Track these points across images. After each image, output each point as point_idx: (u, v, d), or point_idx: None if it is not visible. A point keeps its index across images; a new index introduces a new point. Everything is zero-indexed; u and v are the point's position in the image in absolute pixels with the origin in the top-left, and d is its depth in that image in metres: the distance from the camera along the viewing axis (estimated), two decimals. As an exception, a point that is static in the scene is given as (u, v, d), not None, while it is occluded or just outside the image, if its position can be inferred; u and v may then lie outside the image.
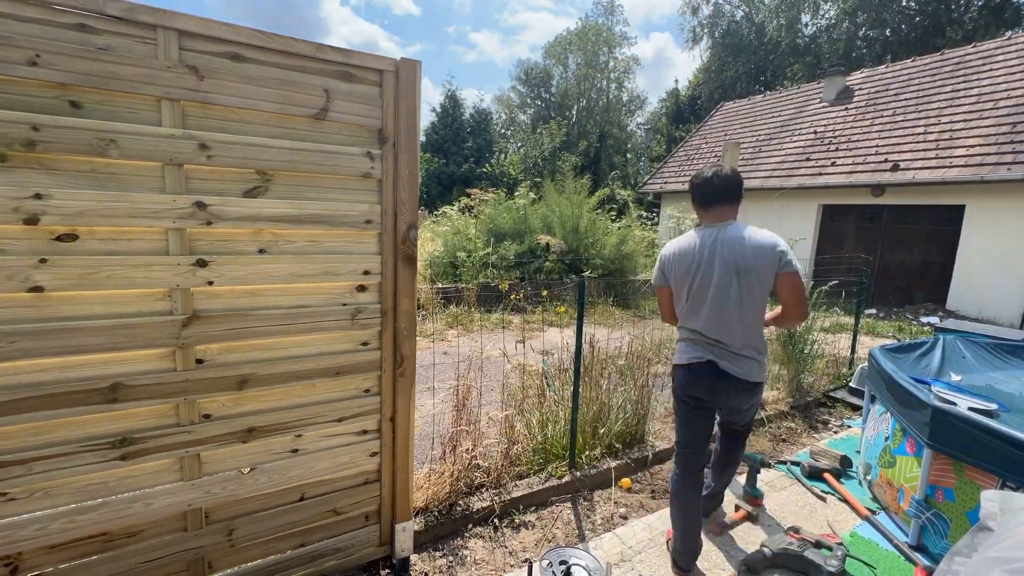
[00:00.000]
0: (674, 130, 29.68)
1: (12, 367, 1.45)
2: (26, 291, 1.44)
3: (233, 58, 1.62)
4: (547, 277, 9.20)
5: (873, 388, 3.29)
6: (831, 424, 4.21)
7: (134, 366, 1.61)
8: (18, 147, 1.39)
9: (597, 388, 3.28)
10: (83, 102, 1.45)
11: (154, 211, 1.57)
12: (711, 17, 30.38)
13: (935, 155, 9.81)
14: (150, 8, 1.49)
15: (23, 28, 1.36)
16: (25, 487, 1.51)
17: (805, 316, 2.18)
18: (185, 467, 1.74)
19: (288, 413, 1.89)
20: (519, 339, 6.21)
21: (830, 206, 11.86)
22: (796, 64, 26.69)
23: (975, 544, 1.46)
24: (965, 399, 2.73)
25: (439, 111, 27.86)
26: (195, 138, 1.59)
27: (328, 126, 1.82)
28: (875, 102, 12.52)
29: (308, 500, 2.00)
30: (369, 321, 2.01)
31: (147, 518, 1.70)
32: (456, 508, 2.57)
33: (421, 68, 1.93)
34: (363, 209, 1.93)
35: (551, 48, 37.02)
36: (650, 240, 13.16)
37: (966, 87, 10.79)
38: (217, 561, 1.85)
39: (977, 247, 9.23)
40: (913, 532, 2.51)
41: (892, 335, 7.58)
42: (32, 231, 1.44)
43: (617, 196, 18.28)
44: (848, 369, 5.16)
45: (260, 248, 1.76)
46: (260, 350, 1.81)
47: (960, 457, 2.30)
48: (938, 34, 22.09)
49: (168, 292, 1.63)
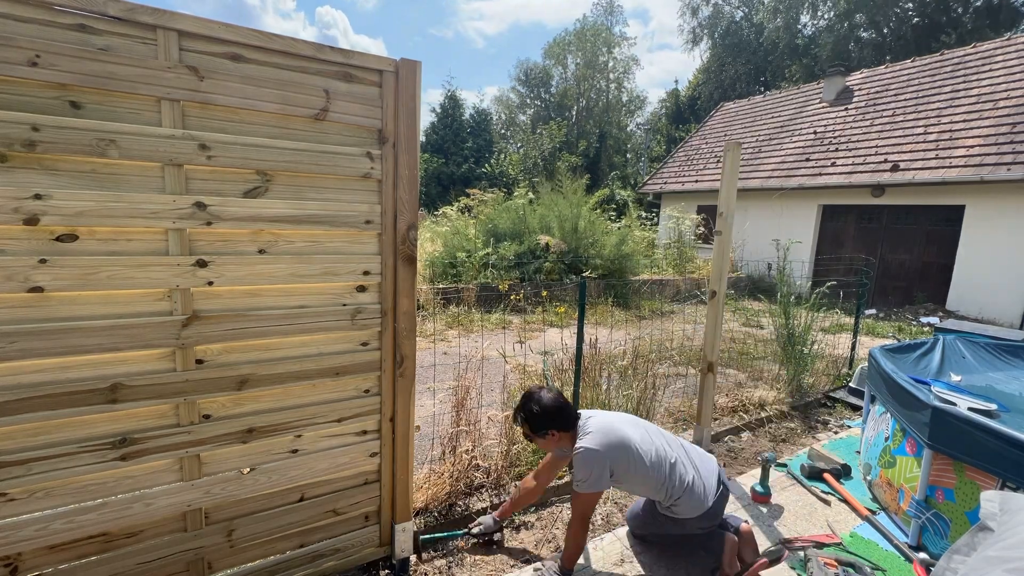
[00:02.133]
0: (674, 130, 29.71)
1: (12, 367, 1.45)
2: (26, 291, 1.44)
3: (233, 58, 1.62)
4: (547, 277, 9.20)
5: (873, 388, 3.29)
6: (831, 424, 4.21)
7: (134, 366, 1.61)
8: (18, 147, 1.39)
9: (597, 389, 3.28)
10: (83, 102, 1.45)
11: (154, 211, 1.57)
12: (711, 18, 30.42)
13: (935, 155, 9.82)
14: (150, 8, 1.49)
15: (23, 28, 1.36)
16: (25, 487, 1.51)
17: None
18: (185, 467, 1.74)
19: (288, 413, 1.89)
20: (519, 339, 6.22)
21: (830, 206, 11.87)
22: (795, 65, 26.72)
23: (975, 543, 1.46)
24: (965, 399, 2.73)
25: (439, 111, 27.88)
26: (195, 138, 1.59)
27: (328, 126, 1.82)
28: (875, 102, 12.53)
29: (308, 500, 2.00)
30: (369, 321, 2.01)
31: (147, 518, 1.70)
32: (456, 508, 2.57)
33: (421, 68, 1.93)
34: (363, 209, 1.93)
35: (550, 48, 37.08)
36: (650, 240, 13.18)
37: (966, 87, 10.80)
38: (217, 562, 1.85)
39: (977, 247, 9.23)
40: (913, 532, 2.51)
41: (892, 335, 7.59)
42: (32, 231, 1.44)
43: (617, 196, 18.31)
44: (848, 369, 5.16)
45: (260, 248, 1.76)
46: (260, 350, 1.81)
47: (960, 457, 2.30)
48: (935, 35, 22.12)
49: (168, 292, 1.63)
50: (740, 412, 4.15)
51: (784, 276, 4.88)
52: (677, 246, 12.65)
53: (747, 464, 3.43)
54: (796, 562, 2.40)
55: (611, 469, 2.11)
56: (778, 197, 12.27)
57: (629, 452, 2.13)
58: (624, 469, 2.13)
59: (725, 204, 3.21)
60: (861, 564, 2.33)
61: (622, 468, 2.13)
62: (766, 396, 4.37)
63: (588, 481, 2.07)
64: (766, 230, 11.99)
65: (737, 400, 4.29)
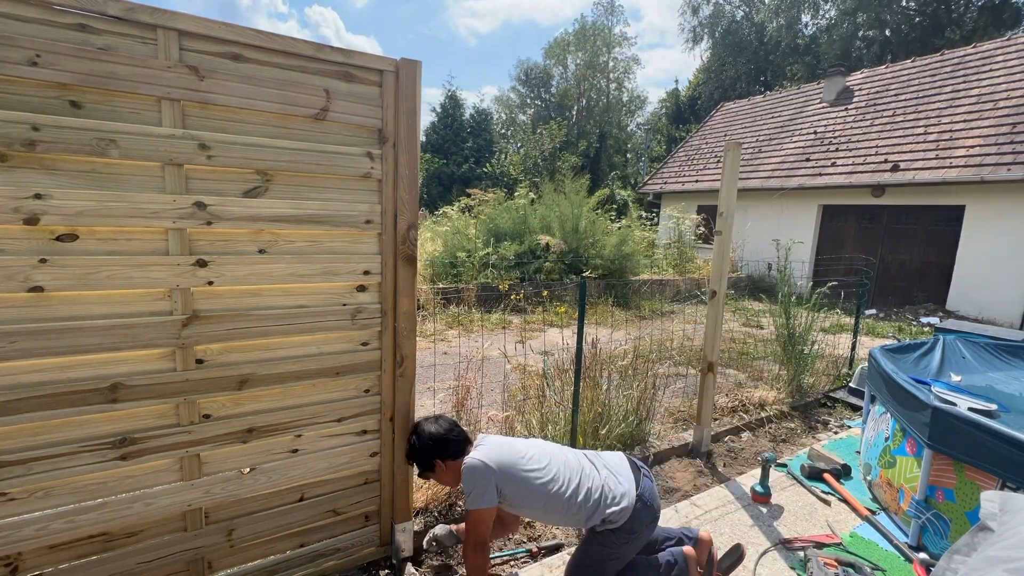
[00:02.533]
0: (674, 130, 29.69)
1: (12, 367, 1.46)
2: (26, 291, 1.45)
3: (233, 58, 1.62)
4: (547, 277, 9.20)
5: (873, 388, 3.29)
6: (831, 425, 4.21)
7: (134, 366, 1.61)
8: (18, 147, 1.39)
9: (597, 389, 3.28)
10: (83, 102, 1.45)
11: (154, 211, 1.57)
12: (711, 17, 30.40)
13: (935, 155, 9.81)
14: (150, 8, 1.49)
15: (24, 28, 1.36)
16: (25, 487, 1.51)
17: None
18: (185, 467, 1.74)
19: (288, 413, 1.89)
20: (519, 339, 6.22)
21: (830, 206, 11.87)
22: (796, 64, 26.71)
23: (975, 543, 1.46)
24: (965, 399, 2.73)
25: (439, 111, 27.88)
26: (195, 138, 1.59)
27: (328, 126, 1.82)
28: (875, 102, 12.52)
29: (308, 500, 2.00)
30: (369, 321, 2.01)
31: (147, 518, 1.70)
32: (456, 508, 2.57)
33: (421, 68, 1.93)
34: (363, 209, 1.93)
35: (551, 48, 37.06)
36: (650, 240, 13.17)
37: (966, 87, 10.79)
38: (217, 561, 1.85)
39: (977, 247, 9.23)
40: (913, 532, 2.51)
41: (892, 335, 7.58)
42: (32, 231, 1.44)
43: (617, 196, 18.29)
44: (848, 369, 5.16)
45: (260, 248, 1.76)
46: (260, 350, 1.81)
47: (960, 457, 2.30)
48: (938, 34, 22.11)
49: (168, 292, 1.63)
50: (740, 412, 4.15)
51: (784, 276, 4.88)
52: (677, 246, 12.64)
53: (747, 464, 3.43)
54: (796, 562, 2.40)
55: (498, 486, 1.87)
56: (778, 197, 12.26)
57: (516, 466, 1.90)
58: (515, 487, 1.89)
59: (725, 204, 3.21)
60: (861, 564, 2.33)
61: (512, 486, 1.89)
62: (766, 396, 4.37)
63: (472, 495, 1.86)
64: (766, 230, 11.99)
65: (737, 400, 4.29)
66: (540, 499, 1.91)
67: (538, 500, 1.92)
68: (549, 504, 1.92)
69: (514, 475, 1.90)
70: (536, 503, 1.93)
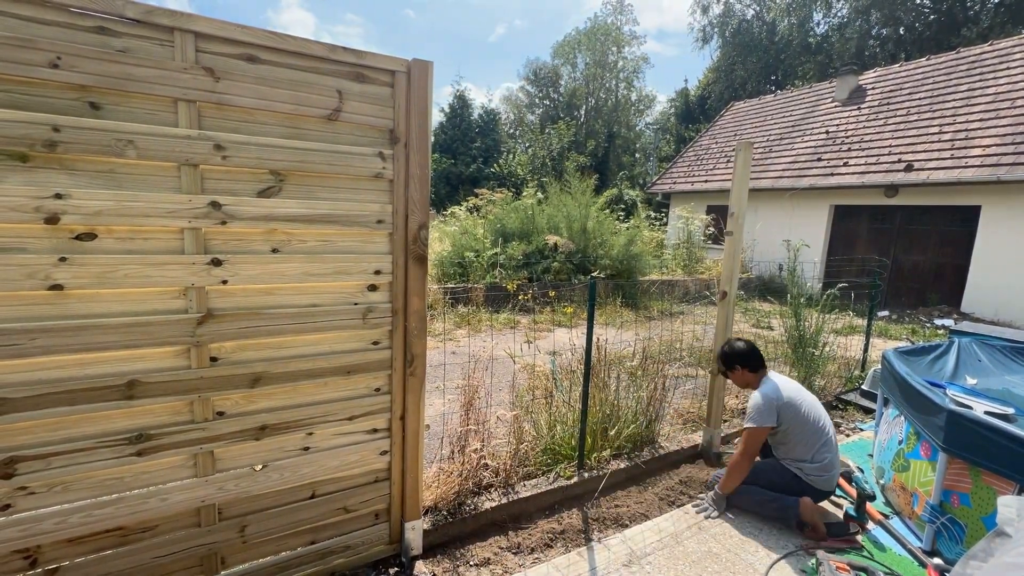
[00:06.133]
0: (683, 130, 29.54)
1: (32, 363, 1.48)
2: (46, 289, 1.47)
3: (248, 59, 1.64)
4: (555, 277, 9.18)
5: (886, 391, 3.25)
6: (843, 427, 4.16)
7: (150, 363, 1.64)
8: (40, 148, 1.42)
9: (606, 389, 3.27)
10: (102, 103, 1.48)
11: (170, 211, 1.59)
12: (721, 16, 30.19)
13: (950, 155, 9.66)
14: (167, 11, 1.51)
15: (45, 31, 1.39)
16: (44, 481, 1.54)
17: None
18: (199, 463, 1.76)
19: (300, 411, 1.91)
20: (527, 339, 6.22)
21: (842, 207, 11.73)
22: (807, 63, 26.43)
23: (991, 549, 1.44)
24: (981, 403, 2.69)
25: (447, 111, 27.95)
26: (211, 139, 1.61)
27: (341, 126, 1.83)
28: (888, 101, 12.36)
29: (319, 497, 2.02)
30: (380, 320, 2.02)
31: (162, 513, 1.73)
32: (465, 507, 2.57)
33: (433, 68, 1.94)
34: (375, 209, 1.94)
35: (559, 48, 37.00)
36: (659, 241, 13.11)
37: (982, 86, 10.62)
38: (230, 557, 1.88)
39: (993, 248, 9.08)
40: (927, 537, 2.48)
41: (905, 338, 7.48)
42: (52, 230, 1.46)
43: (625, 196, 18.24)
44: (860, 372, 5.10)
45: (273, 247, 1.78)
46: (273, 348, 1.83)
47: (976, 462, 2.27)
48: (953, 32, 21.75)
49: (183, 291, 1.66)
50: (750, 414, 4.11)
51: (795, 277, 4.83)
52: (686, 246, 12.57)
53: (757, 466, 3.40)
54: (808, 566, 2.37)
55: (779, 415, 2.65)
56: (789, 197, 12.15)
57: (799, 407, 2.67)
58: (791, 419, 2.65)
59: (737, 204, 3.19)
60: (874, 569, 2.30)
61: (789, 417, 2.65)
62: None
63: (754, 417, 2.66)
64: (777, 231, 11.88)
65: (747, 401, 4.25)
66: (798, 433, 2.67)
67: (796, 433, 2.67)
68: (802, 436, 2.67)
69: (794, 413, 2.66)
70: (795, 435, 2.67)
